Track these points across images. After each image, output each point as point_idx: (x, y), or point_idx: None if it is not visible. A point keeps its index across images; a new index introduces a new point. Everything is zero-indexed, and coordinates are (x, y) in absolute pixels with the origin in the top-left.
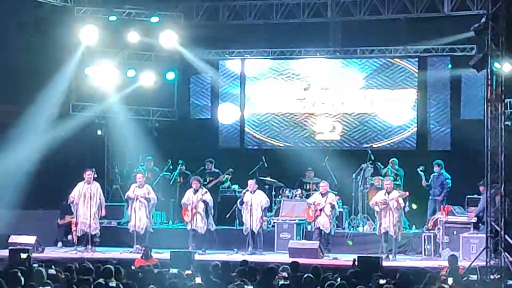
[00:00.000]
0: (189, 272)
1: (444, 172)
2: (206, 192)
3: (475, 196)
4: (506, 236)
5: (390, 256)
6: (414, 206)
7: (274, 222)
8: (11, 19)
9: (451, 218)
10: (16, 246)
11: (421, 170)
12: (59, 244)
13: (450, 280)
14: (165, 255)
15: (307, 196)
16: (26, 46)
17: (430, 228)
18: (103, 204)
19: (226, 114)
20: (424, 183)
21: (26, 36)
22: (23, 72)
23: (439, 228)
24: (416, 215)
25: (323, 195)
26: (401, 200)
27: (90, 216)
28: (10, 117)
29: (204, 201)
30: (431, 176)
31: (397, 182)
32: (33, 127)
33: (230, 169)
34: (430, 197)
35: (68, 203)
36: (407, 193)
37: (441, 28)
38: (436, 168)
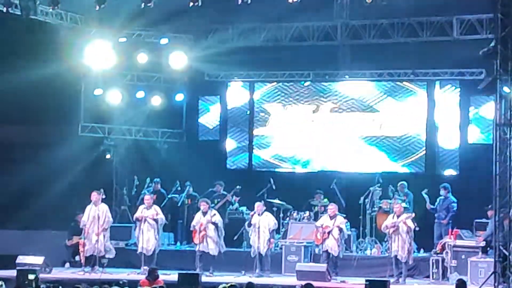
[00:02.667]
0: None
1: (450, 196)
2: (215, 214)
3: (484, 220)
4: None
5: (400, 280)
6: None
7: (281, 245)
8: (20, 40)
9: (459, 242)
10: (24, 267)
11: (425, 193)
12: (67, 265)
13: None
14: (173, 276)
15: (315, 219)
16: (35, 67)
17: (438, 252)
18: (105, 227)
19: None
20: (428, 206)
21: (36, 57)
22: (32, 93)
23: (447, 252)
24: (423, 238)
25: (331, 217)
26: (409, 222)
27: (97, 238)
28: (19, 138)
29: (214, 223)
30: (437, 199)
31: (406, 206)
32: (42, 148)
33: (238, 187)
34: (436, 221)
35: (81, 227)
36: (414, 214)
37: (450, 52)
38: (442, 192)
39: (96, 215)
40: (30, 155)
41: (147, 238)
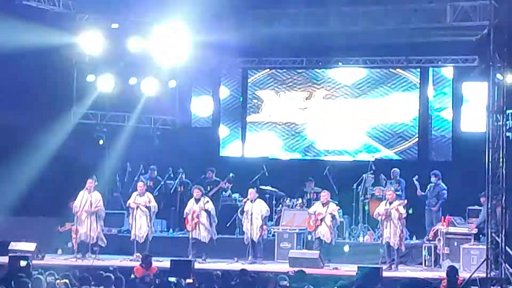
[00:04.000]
0: (190, 281)
1: (441, 183)
2: (208, 201)
3: (476, 207)
4: (506, 247)
5: (392, 267)
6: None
7: (274, 232)
8: (12, 26)
9: (451, 229)
10: (16, 253)
11: (416, 180)
12: (59, 251)
13: None
14: (165, 263)
15: (308, 206)
16: (27, 53)
17: (430, 238)
18: (100, 214)
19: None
20: (418, 192)
21: (28, 43)
22: (25, 78)
23: (439, 239)
24: (415, 225)
25: (324, 204)
26: (401, 209)
27: (90, 225)
28: (11, 124)
29: (207, 211)
30: (428, 186)
31: (398, 193)
32: (35, 134)
33: (231, 174)
34: (426, 207)
35: (73, 212)
36: (406, 201)
37: (443, 38)
38: (433, 179)
39: (88, 202)
40: (22, 142)
41: (139, 225)
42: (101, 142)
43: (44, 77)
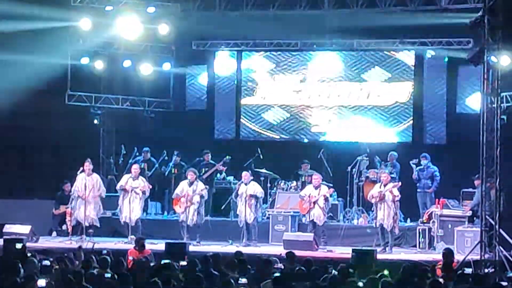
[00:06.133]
0: (184, 263)
1: (431, 165)
2: (204, 188)
3: (470, 189)
4: (500, 230)
5: (387, 249)
6: None
7: (269, 214)
8: (7, 9)
9: (446, 212)
10: (11, 236)
11: (413, 163)
12: (54, 233)
13: None
14: (160, 245)
15: (302, 189)
16: (22, 35)
17: (424, 221)
18: (103, 196)
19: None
20: (414, 175)
21: (23, 25)
22: (19, 62)
23: (433, 221)
24: (410, 207)
25: (316, 187)
26: (395, 191)
27: (89, 207)
28: (6, 107)
29: (202, 196)
30: (417, 168)
31: (393, 175)
32: (29, 116)
33: (227, 156)
34: (418, 190)
35: (71, 195)
36: (400, 183)
37: (437, 21)
38: (423, 161)
39: (88, 184)
40: (16, 124)
41: (132, 208)
42: (95, 121)
43: (38, 60)
